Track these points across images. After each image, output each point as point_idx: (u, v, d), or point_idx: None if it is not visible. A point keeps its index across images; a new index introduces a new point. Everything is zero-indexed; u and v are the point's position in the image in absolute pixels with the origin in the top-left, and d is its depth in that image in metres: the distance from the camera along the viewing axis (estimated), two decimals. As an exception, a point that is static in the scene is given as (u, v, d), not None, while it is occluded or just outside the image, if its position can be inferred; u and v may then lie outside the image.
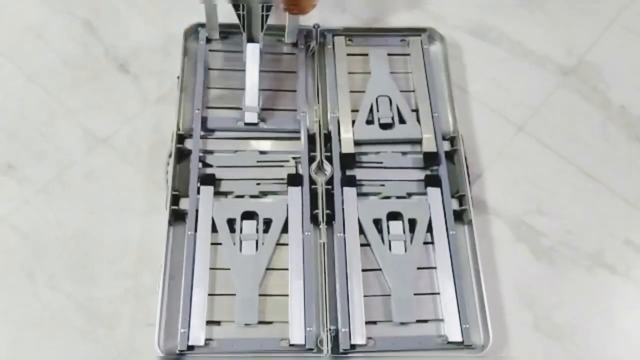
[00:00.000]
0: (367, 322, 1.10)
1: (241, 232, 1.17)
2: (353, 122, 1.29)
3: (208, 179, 1.21)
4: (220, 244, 1.16)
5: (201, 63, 1.34)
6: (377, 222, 1.19)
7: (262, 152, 1.27)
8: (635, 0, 1.56)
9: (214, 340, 1.08)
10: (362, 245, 1.17)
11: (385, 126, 1.30)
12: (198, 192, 1.19)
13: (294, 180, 1.22)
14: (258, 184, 1.22)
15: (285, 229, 1.17)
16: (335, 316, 1.10)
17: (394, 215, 1.20)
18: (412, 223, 1.20)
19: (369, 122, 1.30)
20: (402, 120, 1.30)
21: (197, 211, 1.17)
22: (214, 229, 1.16)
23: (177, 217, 1.18)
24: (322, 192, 1.21)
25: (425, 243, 1.19)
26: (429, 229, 1.19)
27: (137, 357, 1.09)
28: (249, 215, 1.18)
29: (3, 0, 1.48)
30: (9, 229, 1.19)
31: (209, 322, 1.09)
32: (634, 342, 1.15)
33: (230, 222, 1.17)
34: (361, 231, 1.18)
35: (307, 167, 1.23)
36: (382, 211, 1.20)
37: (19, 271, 1.15)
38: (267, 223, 1.18)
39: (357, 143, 1.27)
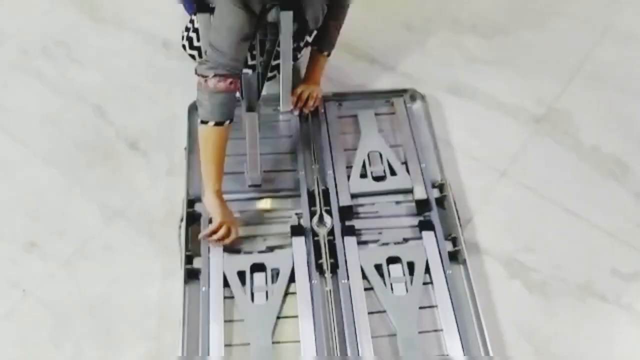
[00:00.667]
0: (376, 362, 1.14)
1: (252, 283, 1.22)
2: (348, 177, 1.38)
3: (218, 237, 1.27)
4: (233, 297, 1.21)
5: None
6: (378, 267, 1.25)
7: (266, 211, 1.34)
8: (592, 53, 1.69)
9: (230, 389, 1.12)
10: (365, 289, 1.22)
11: (378, 179, 1.38)
12: (209, 252, 1.25)
13: (297, 230, 1.29)
14: (265, 239, 1.29)
15: (292, 278, 1.23)
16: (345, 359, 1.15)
17: (393, 260, 1.26)
18: (411, 266, 1.26)
19: (363, 175, 1.39)
20: (393, 172, 1.39)
21: (209, 267, 1.23)
22: (226, 284, 1.22)
23: (191, 275, 1.24)
24: (324, 243, 1.27)
25: (425, 283, 1.24)
26: (427, 270, 1.25)
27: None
28: (257, 267, 1.24)
29: (20, 93, 1.58)
30: (36, 303, 1.25)
31: (227, 372, 1.13)
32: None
33: (241, 275, 1.23)
34: (364, 276, 1.24)
35: (308, 220, 1.31)
36: (381, 257, 1.26)
37: (46, 342, 1.20)
38: (275, 273, 1.23)
39: (354, 196, 1.35)
